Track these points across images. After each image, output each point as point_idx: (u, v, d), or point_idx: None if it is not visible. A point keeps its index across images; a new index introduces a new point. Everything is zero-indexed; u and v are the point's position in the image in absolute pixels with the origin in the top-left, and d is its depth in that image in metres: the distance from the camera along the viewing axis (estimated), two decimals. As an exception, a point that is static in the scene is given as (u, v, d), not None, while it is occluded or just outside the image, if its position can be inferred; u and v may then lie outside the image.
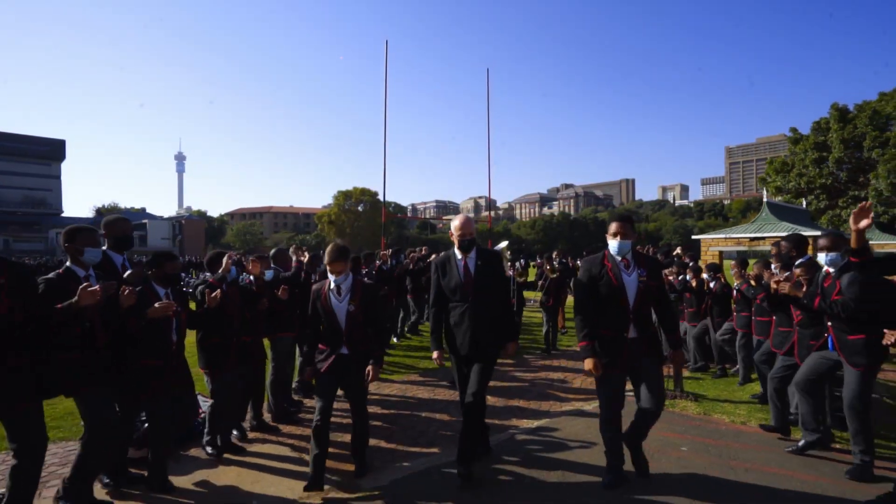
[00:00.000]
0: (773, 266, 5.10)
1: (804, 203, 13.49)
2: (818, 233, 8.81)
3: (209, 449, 3.91)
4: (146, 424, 3.60)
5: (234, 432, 4.24)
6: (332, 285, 3.55)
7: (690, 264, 8.63)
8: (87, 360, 2.96)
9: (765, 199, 9.83)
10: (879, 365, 3.38)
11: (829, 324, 3.56)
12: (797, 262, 4.23)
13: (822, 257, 3.59)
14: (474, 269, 3.56)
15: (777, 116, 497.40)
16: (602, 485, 3.32)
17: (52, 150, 78.82)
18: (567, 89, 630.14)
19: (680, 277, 6.99)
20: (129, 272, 3.28)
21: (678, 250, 13.11)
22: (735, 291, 5.95)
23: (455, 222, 3.63)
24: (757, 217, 9.97)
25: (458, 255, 3.61)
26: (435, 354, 3.67)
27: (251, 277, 4.46)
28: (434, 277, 3.69)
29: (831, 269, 3.55)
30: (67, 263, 3.01)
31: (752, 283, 5.27)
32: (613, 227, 3.31)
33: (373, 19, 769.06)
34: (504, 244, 12.80)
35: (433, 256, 11.91)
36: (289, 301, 4.86)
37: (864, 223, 3.05)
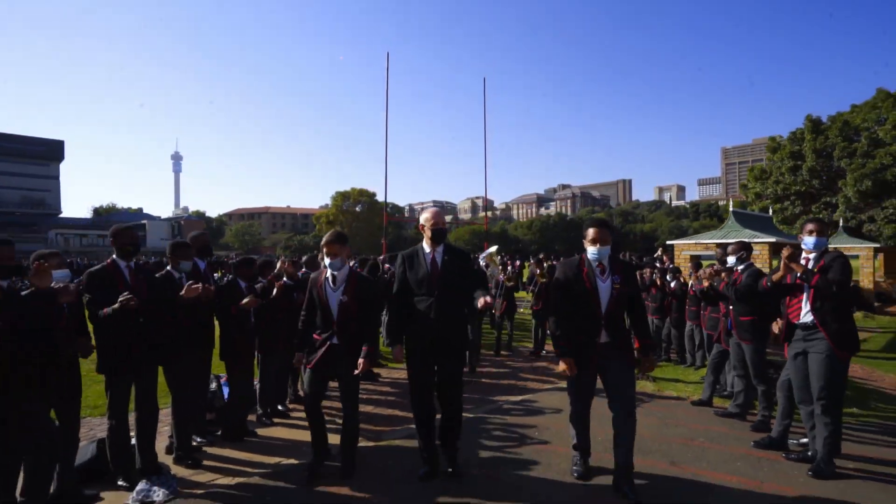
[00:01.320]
0: (715, 267, 6.24)
1: (770, 211, 14.65)
2: (773, 239, 9.95)
3: (264, 419, 4.96)
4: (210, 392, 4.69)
5: (279, 407, 5.29)
6: (329, 274, 3.64)
7: (669, 266, 9.75)
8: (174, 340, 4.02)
9: (731, 209, 10.97)
10: (766, 341, 4.52)
11: (731, 307, 4.71)
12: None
13: (730, 259, 4.81)
14: (441, 263, 3.56)
15: (776, 116, 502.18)
16: (574, 475, 3.54)
17: (51, 151, 79.20)
18: (565, 90, 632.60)
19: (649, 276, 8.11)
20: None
21: (658, 252, 14.28)
22: (689, 289, 7.06)
23: (425, 214, 3.65)
24: (724, 225, 11.11)
25: (427, 248, 3.61)
26: (396, 350, 3.68)
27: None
28: (399, 270, 3.67)
29: (739, 267, 4.76)
30: (168, 268, 4.08)
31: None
32: (591, 233, 3.32)
33: (371, 19, 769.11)
34: (493, 249, 13.62)
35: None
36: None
37: (785, 272, 3.70)
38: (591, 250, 3.31)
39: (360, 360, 3.62)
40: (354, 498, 3.35)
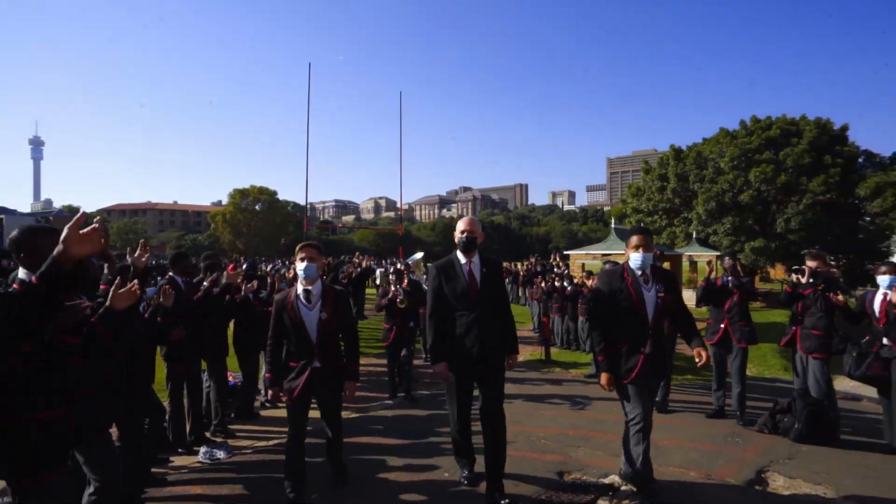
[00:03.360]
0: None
1: (641, 224, 18.04)
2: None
3: (266, 403, 6.08)
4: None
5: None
6: (300, 291, 3.35)
7: (565, 272, 11.93)
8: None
9: (612, 226, 13.74)
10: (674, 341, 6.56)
11: None
12: None
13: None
14: (480, 276, 3.36)
15: (653, 130, 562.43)
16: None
17: None
18: (468, 96, 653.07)
19: (546, 282, 10.20)
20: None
21: (556, 258, 16.80)
22: (582, 291, 9.22)
23: (459, 223, 3.47)
24: (607, 238, 13.84)
25: (462, 259, 3.40)
26: (441, 367, 3.38)
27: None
28: (435, 284, 3.40)
29: None
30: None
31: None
32: (635, 239, 3.30)
33: (278, 14, 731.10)
34: (419, 255, 14.80)
35: (364, 263, 14.14)
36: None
37: None
38: (635, 256, 3.29)
39: (349, 384, 3.50)
40: (377, 443, 4.75)
